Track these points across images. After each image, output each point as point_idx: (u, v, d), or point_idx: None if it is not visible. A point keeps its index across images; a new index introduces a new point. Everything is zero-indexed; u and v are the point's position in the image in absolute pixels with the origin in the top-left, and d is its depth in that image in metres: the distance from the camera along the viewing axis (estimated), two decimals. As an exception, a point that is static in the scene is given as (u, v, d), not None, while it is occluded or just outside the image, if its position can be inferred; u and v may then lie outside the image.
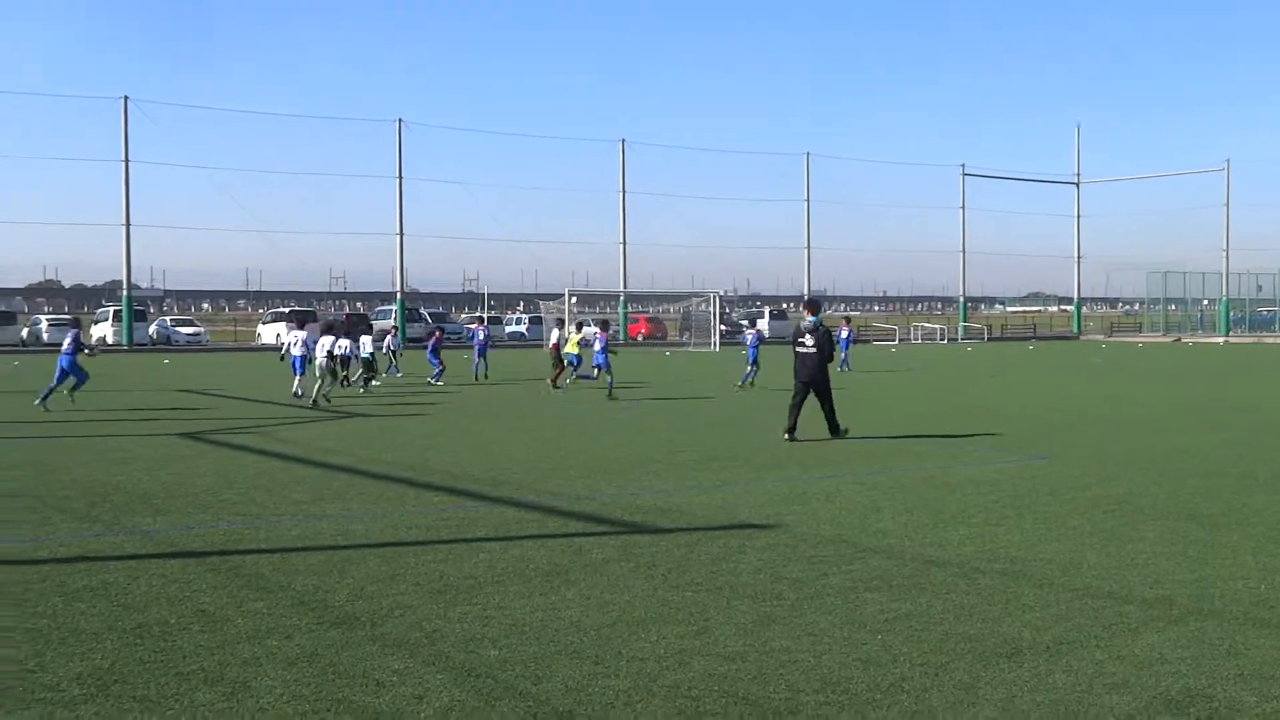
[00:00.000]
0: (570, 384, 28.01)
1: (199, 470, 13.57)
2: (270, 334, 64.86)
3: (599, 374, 26.27)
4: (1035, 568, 8.41)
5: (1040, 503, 11.27)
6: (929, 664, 6.13)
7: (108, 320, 63.06)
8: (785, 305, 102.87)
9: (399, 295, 67.88)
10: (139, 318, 62.71)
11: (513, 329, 73.37)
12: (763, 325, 75.31)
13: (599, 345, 26.42)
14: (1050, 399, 25.49)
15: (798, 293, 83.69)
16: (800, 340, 17.05)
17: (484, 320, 37.71)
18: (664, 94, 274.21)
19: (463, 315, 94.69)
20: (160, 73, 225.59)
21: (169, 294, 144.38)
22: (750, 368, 29.19)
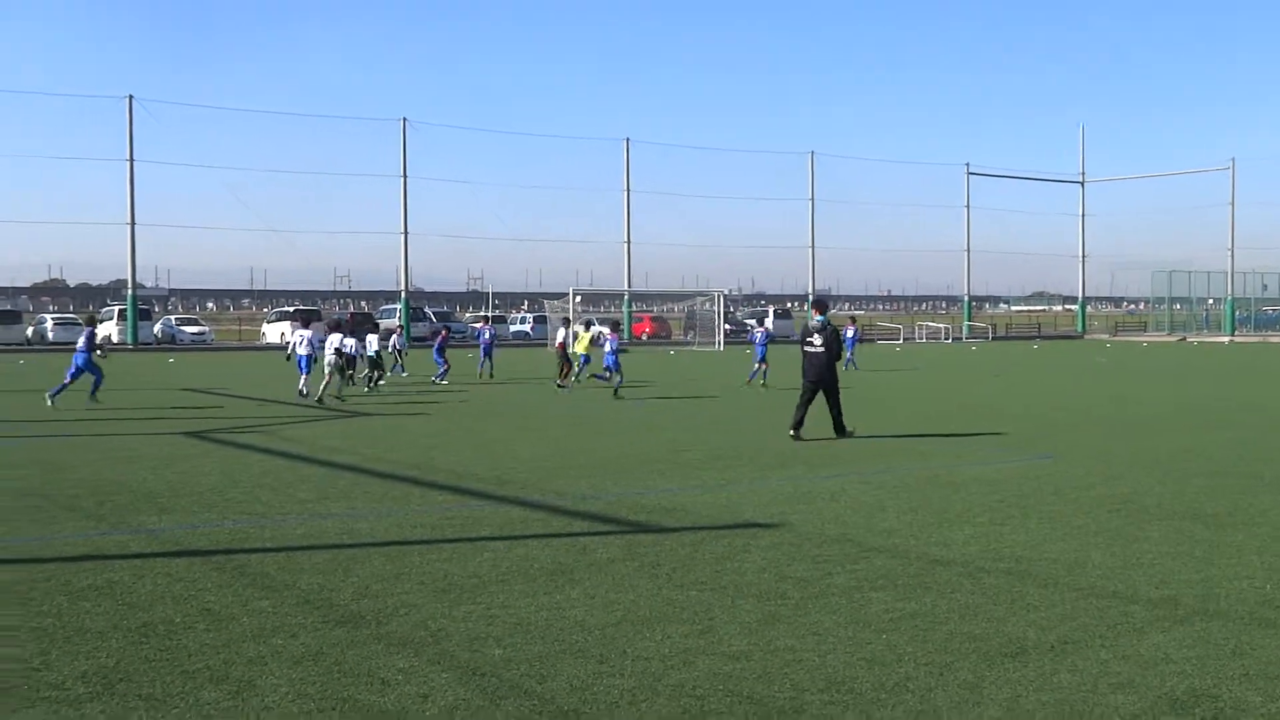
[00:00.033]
0: (582, 382, 28.02)
1: (204, 469, 13.59)
2: (275, 333, 64.90)
3: (612, 375, 26.30)
4: (1040, 567, 8.40)
5: (1045, 502, 11.27)
6: (934, 663, 6.13)
7: (113, 319, 63.12)
8: (789, 304, 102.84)
9: (403, 294, 67.92)
10: (144, 317, 62.83)
11: (517, 328, 73.44)
12: (768, 324, 75.45)
13: (610, 346, 26.49)
14: (1055, 398, 25.47)
15: (802, 292, 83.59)
16: (808, 340, 17.05)
17: (489, 320, 37.82)
18: (667, 93, 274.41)
19: (467, 314, 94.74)
20: (164, 72, 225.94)
21: (174, 293, 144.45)
22: (758, 365, 29.26)
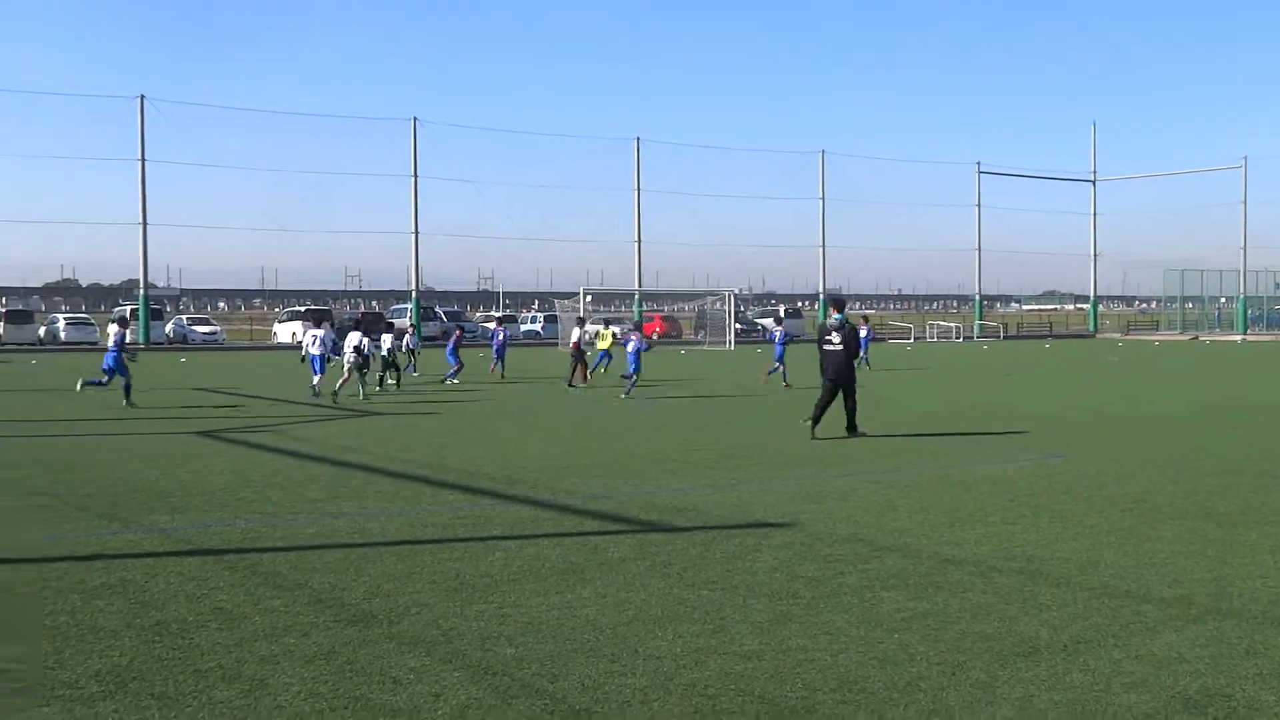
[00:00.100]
0: (596, 378, 27.99)
1: (216, 469, 13.62)
2: (286, 332, 65.02)
3: (636, 374, 26.32)
4: (1052, 566, 8.38)
5: (1057, 501, 11.24)
6: (946, 663, 6.12)
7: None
8: (800, 304, 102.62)
9: (414, 294, 68.00)
10: (155, 316, 62.98)
11: (528, 327, 73.52)
12: (771, 322, 75.37)
13: (634, 345, 26.52)
14: (1067, 397, 25.41)
15: (813, 291, 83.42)
16: (826, 338, 17.10)
17: (501, 320, 38.11)
18: (677, 92, 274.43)
19: (478, 314, 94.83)
20: (176, 72, 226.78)
21: (185, 293, 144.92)
22: (778, 365, 29.09)
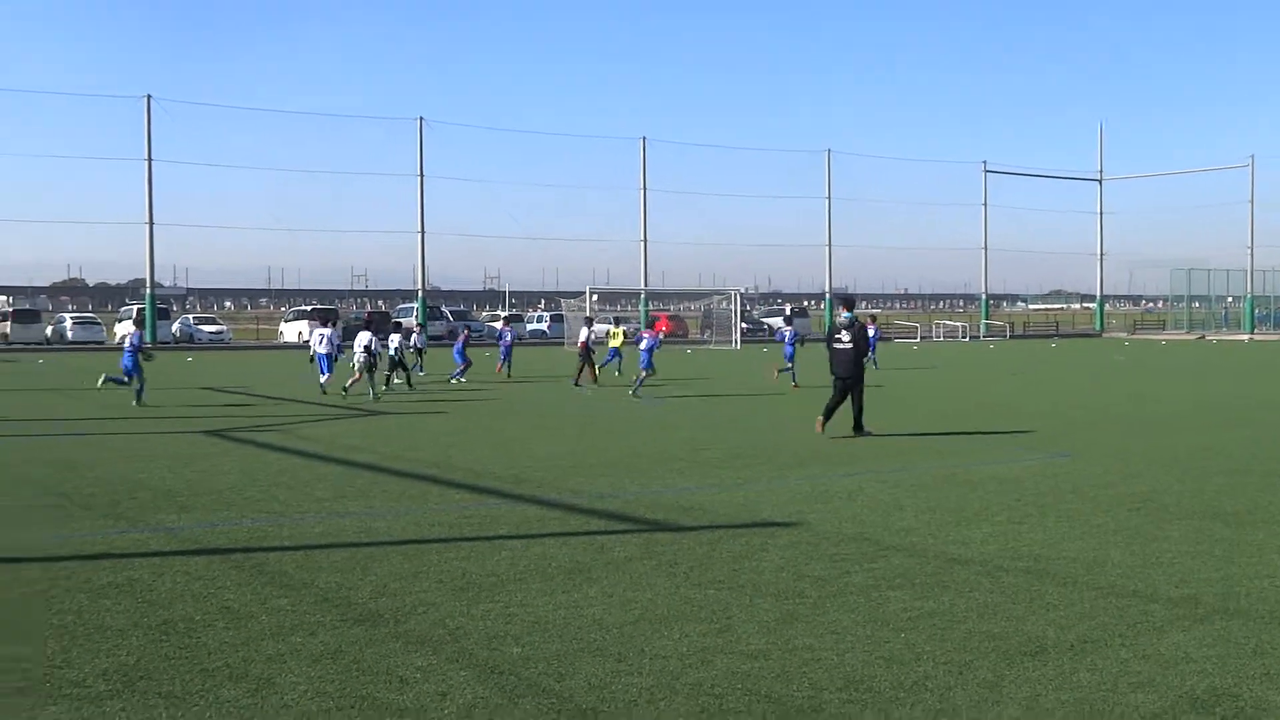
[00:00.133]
0: (605, 379, 27.98)
1: (223, 468, 13.64)
2: (292, 332, 65.07)
3: (642, 372, 26.35)
4: (1059, 566, 8.37)
5: (1064, 501, 11.23)
6: (952, 662, 6.12)
7: (131, 319, 63.38)
8: (805, 303, 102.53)
9: (420, 293, 68.05)
10: (162, 316, 63.10)
11: (534, 327, 73.57)
12: (780, 322, 75.28)
13: (647, 343, 26.59)
14: (1073, 397, 25.38)
15: (819, 290, 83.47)
16: (836, 336, 17.14)
17: (507, 320, 38.53)
18: (683, 91, 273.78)
19: (484, 313, 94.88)
20: (181, 72, 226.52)
21: (192, 292, 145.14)
22: (789, 365, 28.93)
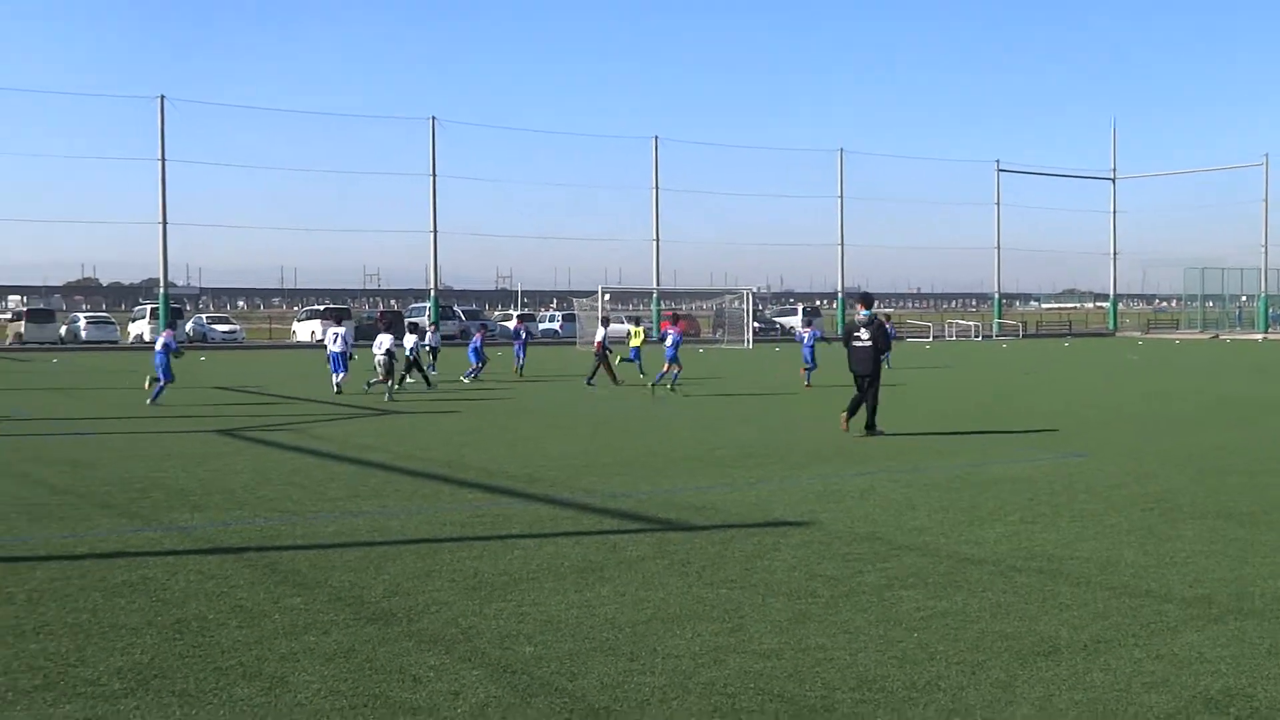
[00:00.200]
0: (641, 378, 28.00)
1: (236, 467, 13.68)
2: (305, 331, 65.26)
3: (668, 367, 26.38)
4: (1072, 566, 8.35)
5: (1077, 500, 11.20)
6: (965, 662, 6.10)
7: (144, 318, 63.59)
8: (818, 302, 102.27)
9: (433, 292, 68.13)
10: (175, 315, 63.25)
11: (546, 326, 73.64)
12: (793, 321, 75.17)
13: (672, 338, 26.64)
14: (1087, 396, 25.30)
15: (831, 290, 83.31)
16: (855, 334, 17.15)
17: (521, 318, 39.29)
18: (695, 90, 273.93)
19: (496, 312, 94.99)
20: (193, 71, 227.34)
21: (205, 292, 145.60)
22: (812, 365, 28.57)
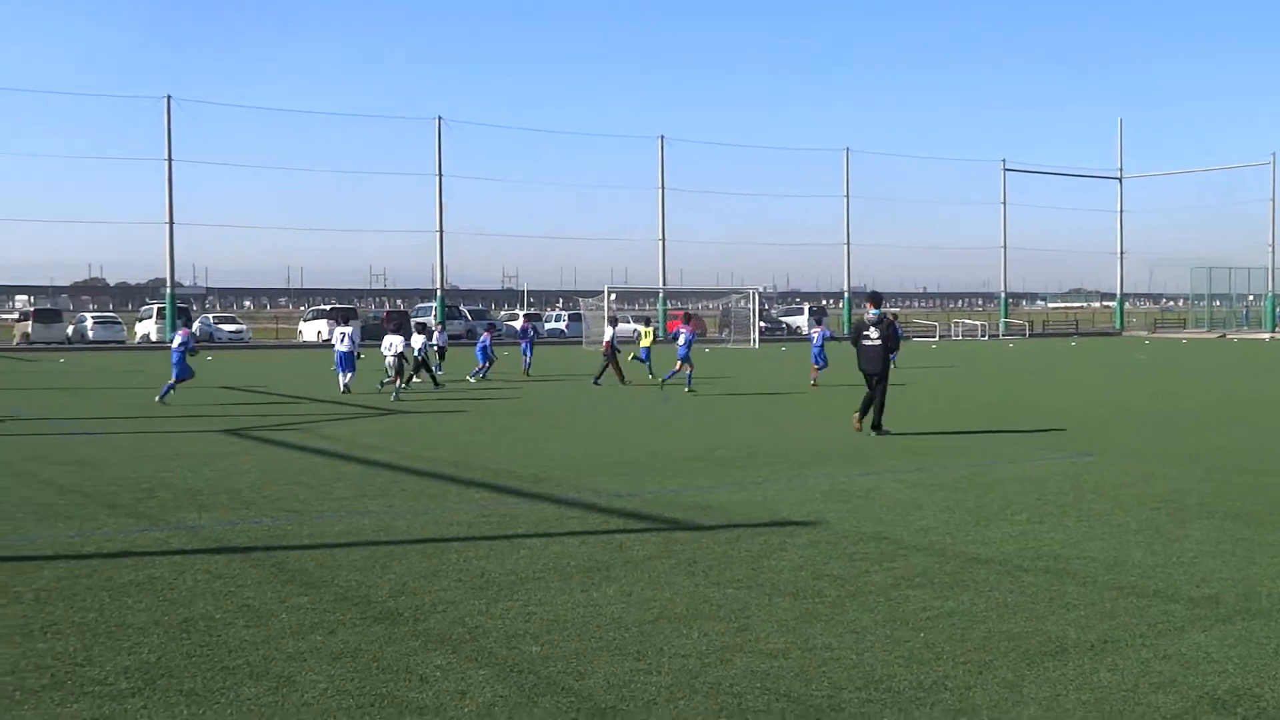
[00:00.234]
0: (653, 379, 28.04)
1: (243, 466, 13.70)
2: (311, 331, 65.32)
3: (680, 366, 26.38)
4: (1079, 566, 8.34)
5: (1084, 500, 11.18)
6: (972, 662, 6.10)
7: (151, 318, 63.70)
8: (824, 301, 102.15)
9: (439, 292, 68.16)
10: (182, 315, 63.35)
11: (552, 325, 73.67)
12: (799, 320, 75.18)
13: (684, 338, 26.65)
14: (1093, 395, 25.27)
15: (837, 289, 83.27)
16: (864, 333, 17.14)
17: (528, 318, 39.94)
18: (702, 90, 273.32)
19: (502, 312, 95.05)
20: (201, 71, 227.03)
21: (211, 291, 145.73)
22: (823, 364, 28.48)
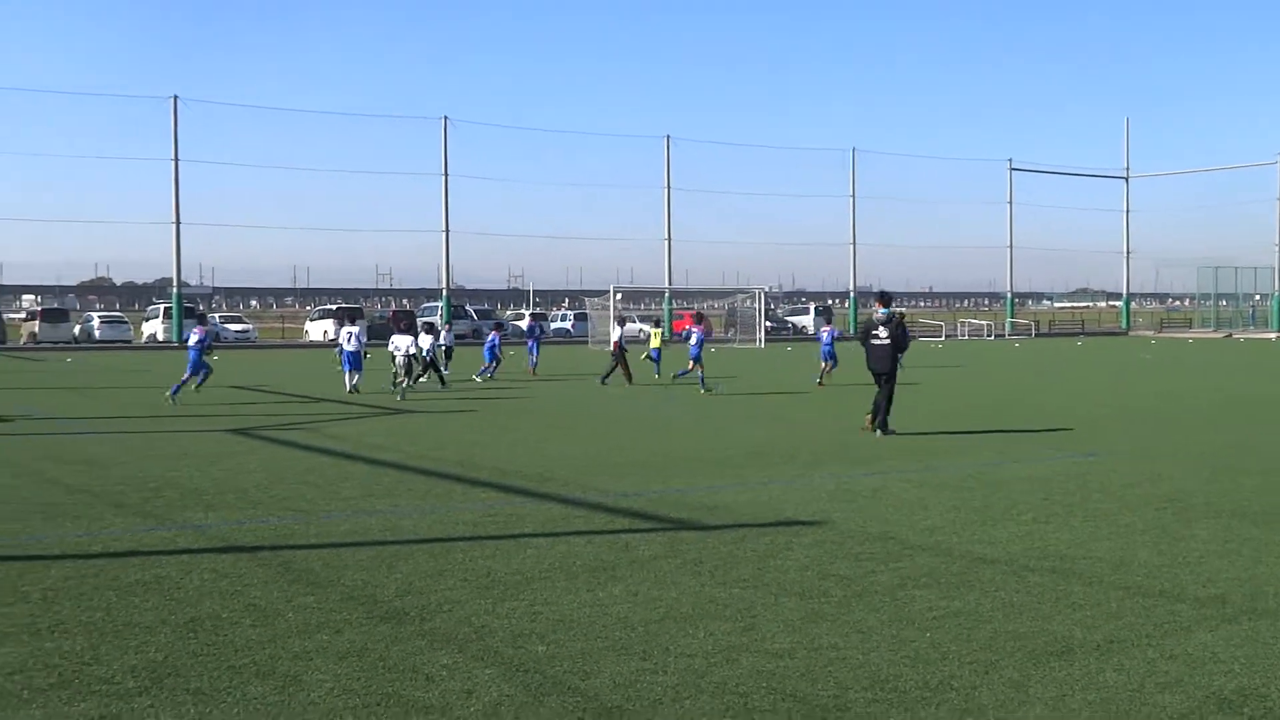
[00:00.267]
0: (658, 379, 28.02)
1: (249, 466, 13.72)
2: (318, 330, 65.34)
3: (692, 366, 26.37)
4: (1085, 565, 8.34)
5: (1090, 500, 11.17)
6: (978, 662, 6.10)
7: (158, 318, 63.77)
8: (830, 301, 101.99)
9: (444, 292, 68.16)
10: (189, 313, 63.40)
11: (558, 325, 73.71)
12: (805, 320, 75.13)
13: (695, 337, 26.64)
14: (1100, 395, 25.24)
15: (843, 289, 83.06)
16: (873, 333, 17.13)
17: (535, 317, 40.34)
18: (708, 89, 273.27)
19: (508, 312, 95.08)
20: (206, 71, 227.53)
21: (218, 291, 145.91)
22: (825, 365, 28.37)
